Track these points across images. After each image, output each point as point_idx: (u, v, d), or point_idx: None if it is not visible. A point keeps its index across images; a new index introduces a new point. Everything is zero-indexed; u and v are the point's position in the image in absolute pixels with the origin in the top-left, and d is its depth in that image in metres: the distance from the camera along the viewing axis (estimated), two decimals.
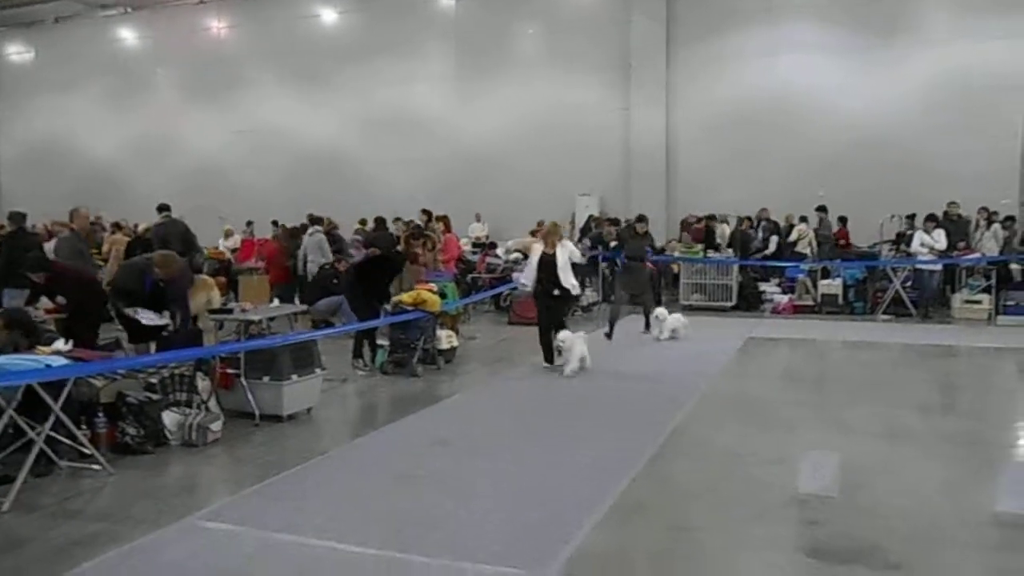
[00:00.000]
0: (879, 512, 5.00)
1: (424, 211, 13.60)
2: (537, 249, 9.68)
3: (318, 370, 7.61)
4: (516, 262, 13.97)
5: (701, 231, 16.41)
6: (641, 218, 12.55)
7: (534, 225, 15.36)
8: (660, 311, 11.60)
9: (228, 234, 18.18)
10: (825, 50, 17.52)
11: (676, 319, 11.54)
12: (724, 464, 6.01)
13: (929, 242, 13.50)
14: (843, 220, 16.26)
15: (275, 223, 17.52)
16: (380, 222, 14.41)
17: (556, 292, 9.46)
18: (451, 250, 12.85)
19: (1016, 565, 4.35)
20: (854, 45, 17.31)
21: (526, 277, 9.81)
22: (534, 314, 12.86)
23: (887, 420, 7.35)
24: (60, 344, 6.09)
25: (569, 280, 9.45)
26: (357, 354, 9.66)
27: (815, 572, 4.25)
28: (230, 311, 8.18)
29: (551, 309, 9.63)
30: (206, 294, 8.43)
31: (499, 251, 16.39)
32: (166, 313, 7.66)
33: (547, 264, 9.44)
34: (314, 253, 13.27)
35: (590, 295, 14.93)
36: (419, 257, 10.33)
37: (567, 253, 9.54)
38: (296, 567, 4.31)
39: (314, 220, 14.54)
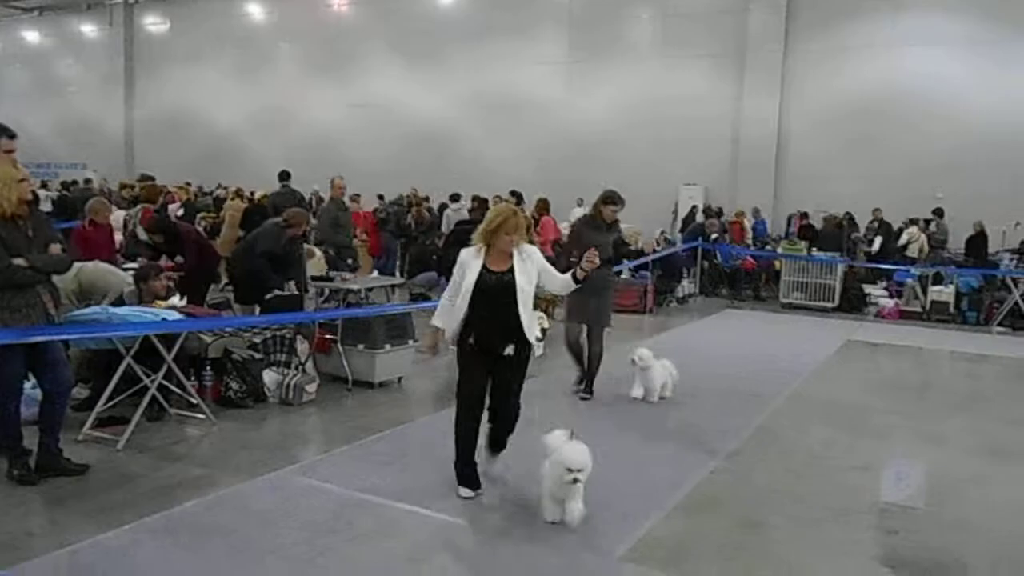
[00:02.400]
0: (964, 527, 4.86)
1: (512, 192, 13.68)
2: (474, 263, 4.86)
3: (411, 341, 7.87)
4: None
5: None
6: (610, 198, 7.21)
7: (638, 213, 12.62)
8: (642, 352, 7.41)
9: None
10: (952, 43, 16.64)
11: (665, 367, 7.51)
12: (806, 465, 5.93)
13: None
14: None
15: (380, 197, 18.08)
16: (482, 202, 14.64)
17: (507, 351, 4.82)
18: (547, 233, 12.88)
19: None
20: (984, 38, 16.37)
21: (439, 317, 5.10)
22: (630, 301, 12.78)
23: (986, 435, 7.05)
24: (175, 300, 6.55)
25: (532, 327, 4.88)
26: None
27: None
28: (331, 279, 8.55)
29: (494, 379, 4.93)
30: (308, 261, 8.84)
31: None
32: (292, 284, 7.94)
33: (495, 292, 4.77)
34: None
35: (687, 286, 14.79)
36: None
37: (534, 271, 4.87)
38: (375, 526, 4.55)
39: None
